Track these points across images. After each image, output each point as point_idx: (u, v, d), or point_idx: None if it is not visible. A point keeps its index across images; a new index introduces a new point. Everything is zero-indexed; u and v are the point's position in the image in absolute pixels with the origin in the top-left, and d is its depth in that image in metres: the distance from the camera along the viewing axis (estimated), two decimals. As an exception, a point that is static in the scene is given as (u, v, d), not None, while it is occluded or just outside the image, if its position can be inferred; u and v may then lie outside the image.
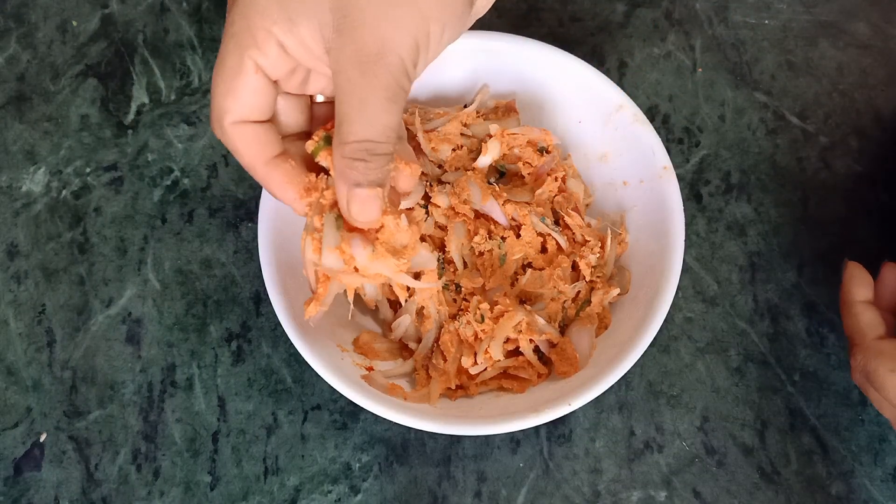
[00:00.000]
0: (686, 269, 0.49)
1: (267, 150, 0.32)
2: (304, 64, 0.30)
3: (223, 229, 0.51)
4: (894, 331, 0.40)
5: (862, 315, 0.39)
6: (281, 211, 0.44)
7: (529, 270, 0.44)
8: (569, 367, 0.42)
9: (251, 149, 0.31)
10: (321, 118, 0.35)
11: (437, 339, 0.44)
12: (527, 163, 0.46)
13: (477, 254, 0.45)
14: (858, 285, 0.40)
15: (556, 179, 0.46)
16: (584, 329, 0.43)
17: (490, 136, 0.46)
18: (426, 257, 0.34)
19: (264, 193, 0.44)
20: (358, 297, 0.46)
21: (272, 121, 0.32)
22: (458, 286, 0.44)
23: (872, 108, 0.53)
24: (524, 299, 0.45)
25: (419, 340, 0.45)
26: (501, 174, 0.47)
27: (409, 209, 0.43)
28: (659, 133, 0.45)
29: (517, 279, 0.44)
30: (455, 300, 0.44)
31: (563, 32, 0.56)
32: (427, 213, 0.45)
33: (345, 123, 0.28)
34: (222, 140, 0.31)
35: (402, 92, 0.29)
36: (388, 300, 0.46)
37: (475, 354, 0.42)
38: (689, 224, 0.49)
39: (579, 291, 0.44)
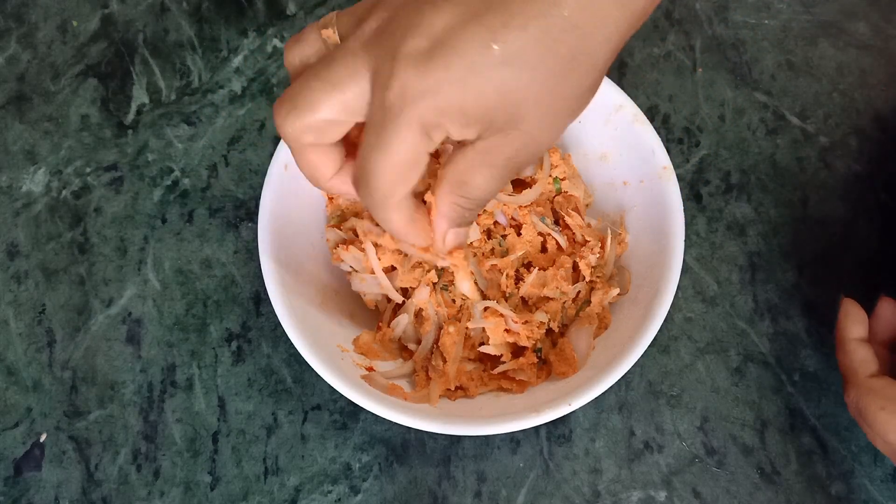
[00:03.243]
0: (686, 269, 0.49)
1: (410, 211, 0.33)
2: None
3: (223, 229, 0.51)
4: (888, 366, 0.41)
5: (855, 353, 0.40)
6: (281, 211, 0.44)
7: (535, 270, 0.44)
8: (567, 368, 0.42)
9: (404, 218, 0.32)
10: None
11: (436, 341, 0.44)
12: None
13: (481, 254, 0.44)
14: (853, 323, 0.41)
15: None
16: (583, 329, 0.43)
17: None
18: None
19: (264, 193, 0.44)
20: (358, 297, 0.46)
21: None
22: (457, 286, 0.44)
23: (872, 108, 0.53)
24: (526, 300, 0.45)
25: (419, 342, 0.45)
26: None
27: None
28: (659, 133, 0.45)
29: (520, 281, 0.44)
30: (454, 301, 0.44)
31: (563, 32, 0.56)
32: None
33: (468, 185, 0.31)
34: (380, 210, 0.31)
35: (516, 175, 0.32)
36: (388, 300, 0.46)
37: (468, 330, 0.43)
38: (689, 224, 0.49)
39: (579, 291, 0.44)
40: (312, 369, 0.40)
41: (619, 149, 0.46)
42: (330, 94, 0.29)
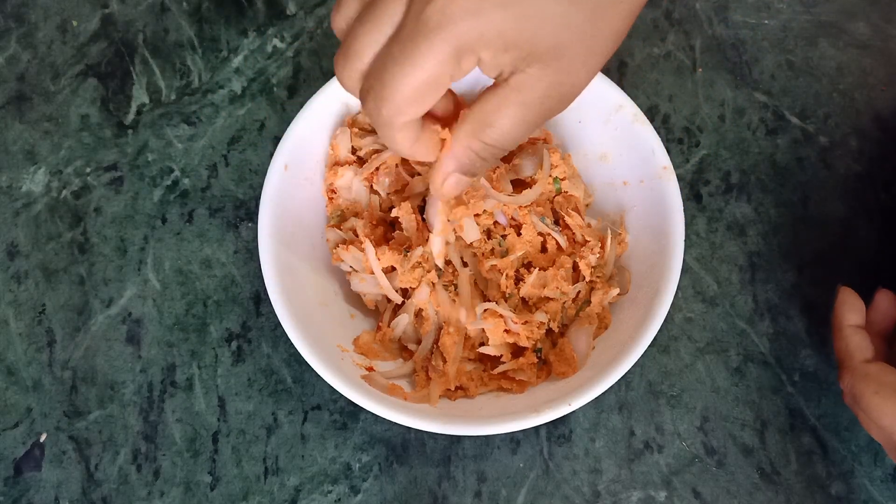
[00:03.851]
0: (686, 269, 0.49)
1: (416, 133, 0.31)
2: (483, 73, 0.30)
3: (223, 229, 0.51)
4: (884, 356, 0.41)
5: (851, 338, 0.40)
6: (281, 211, 0.44)
7: (535, 271, 0.43)
8: (567, 368, 0.42)
9: (408, 140, 0.31)
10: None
11: (436, 341, 0.44)
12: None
13: (480, 255, 0.44)
14: (850, 310, 0.41)
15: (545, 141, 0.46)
16: (582, 329, 0.43)
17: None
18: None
19: (264, 193, 0.44)
20: (358, 297, 0.46)
21: None
22: (457, 287, 0.44)
23: (872, 108, 0.53)
24: (526, 300, 0.45)
25: (419, 342, 0.45)
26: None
27: None
28: (659, 133, 0.45)
29: (520, 282, 0.44)
30: (454, 301, 0.44)
31: (563, 32, 0.56)
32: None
33: (492, 127, 0.30)
34: (385, 128, 0.30)
35: (543, 122, 0.32)
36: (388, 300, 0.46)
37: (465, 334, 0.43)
38: (689, 224, 0.49)
39: (579, 291, 0.44)
40: (312, 369, 0.40)
41: (619, 149, 0.46)
42: (374, 36, 0.28)
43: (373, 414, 0.43)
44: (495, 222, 0.44)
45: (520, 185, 0.46)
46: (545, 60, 0.28)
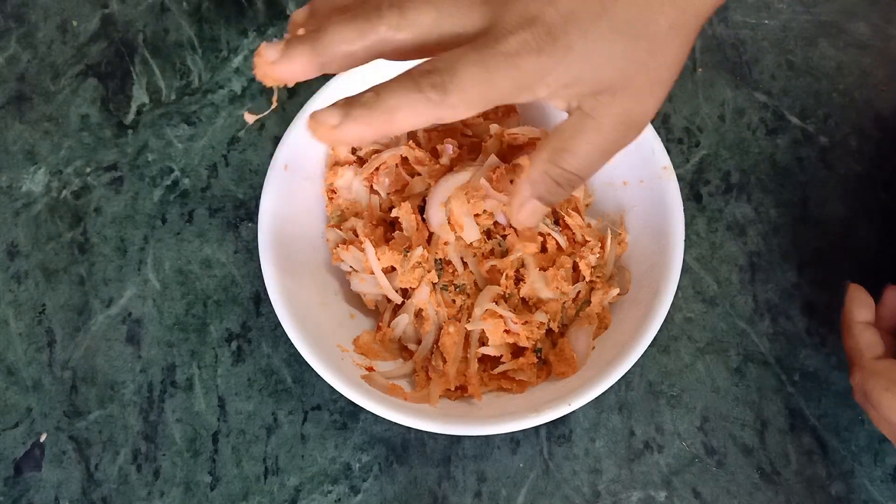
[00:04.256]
0: (686, 269, 0.49)
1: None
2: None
3: (223, 229, 0.51)
4: (894, 352, 0.41)
5: (861, 335, 0.40)
6: (281, 211, 0.44)
7: (536, 271, 0.43)
8: (567, 368, 0.42)
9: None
10: None
11: (436, 341, 0.44)
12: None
13: (480, 255, 0.44)
14: (859, 307, 0.41)
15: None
16: (582, 329, 0.43)
17: (490, 137, 0.46)
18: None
19: (264, 193, 0.44)
20: (358, 297, 0.46)
21: None
22: (456, 287, 0.44)
23: (872, 108, 0.53)
24: (526, 300, 0.45)
25: (419, 342, 0.45)
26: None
27: None
28: (659, 133, 0.45)
29: (520, 282, 0.44)
30: (454, 301, 0.44)
31: (563, 32, 0.56)
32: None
33: (569, 152, 0.31)
34: (423, 104, 0.30)
35: (617, 151, 0.34)
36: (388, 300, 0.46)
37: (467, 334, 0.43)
38: (689, 224, 0.49)
39: (579, 292, 0.44)
40: (312, 369, 0.40)
41: (619, 149, 0.46)
42: (444, 26, 0.29)
43: (373, 414, 0.43)
44: (495, 222, 0.44)
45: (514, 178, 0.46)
46: (613, 90, 0.30)
